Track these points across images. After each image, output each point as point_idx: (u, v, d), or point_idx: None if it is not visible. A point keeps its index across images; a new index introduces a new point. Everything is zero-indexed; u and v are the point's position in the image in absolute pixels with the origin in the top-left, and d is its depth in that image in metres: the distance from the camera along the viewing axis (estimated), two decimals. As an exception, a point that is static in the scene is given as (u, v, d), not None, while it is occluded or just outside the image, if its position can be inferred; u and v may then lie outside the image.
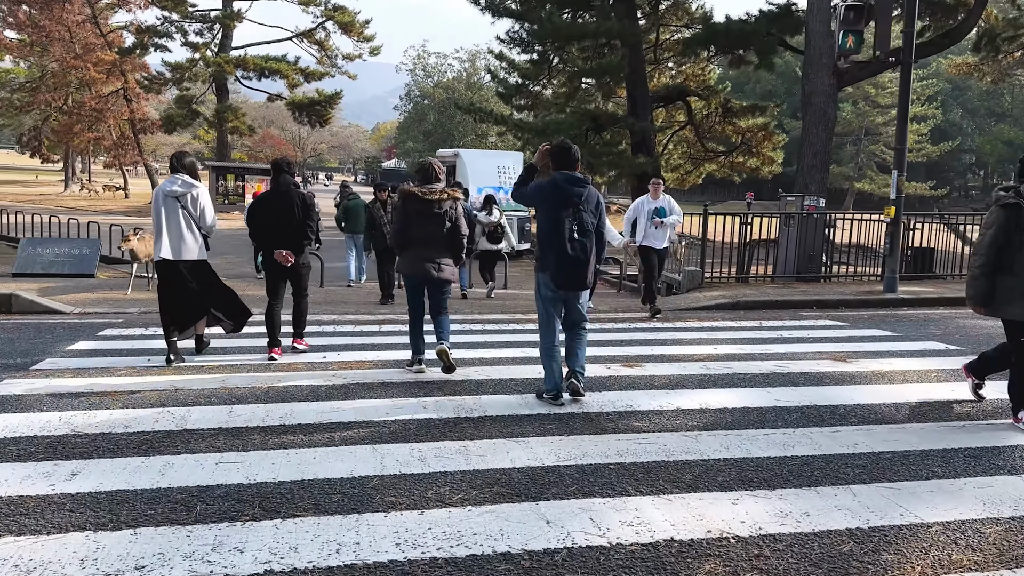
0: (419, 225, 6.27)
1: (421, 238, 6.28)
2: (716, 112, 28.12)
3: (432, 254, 6.29)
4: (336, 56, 37.64)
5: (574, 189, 5.43)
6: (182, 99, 34.41)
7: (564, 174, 5.48)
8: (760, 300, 11.49)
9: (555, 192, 5.42)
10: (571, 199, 5.41)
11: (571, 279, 5.45)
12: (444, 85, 66.61)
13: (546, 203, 5.44)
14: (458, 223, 6.39)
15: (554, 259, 5.40)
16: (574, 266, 5.40)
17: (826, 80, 24.90)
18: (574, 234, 5.38)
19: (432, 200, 6.26)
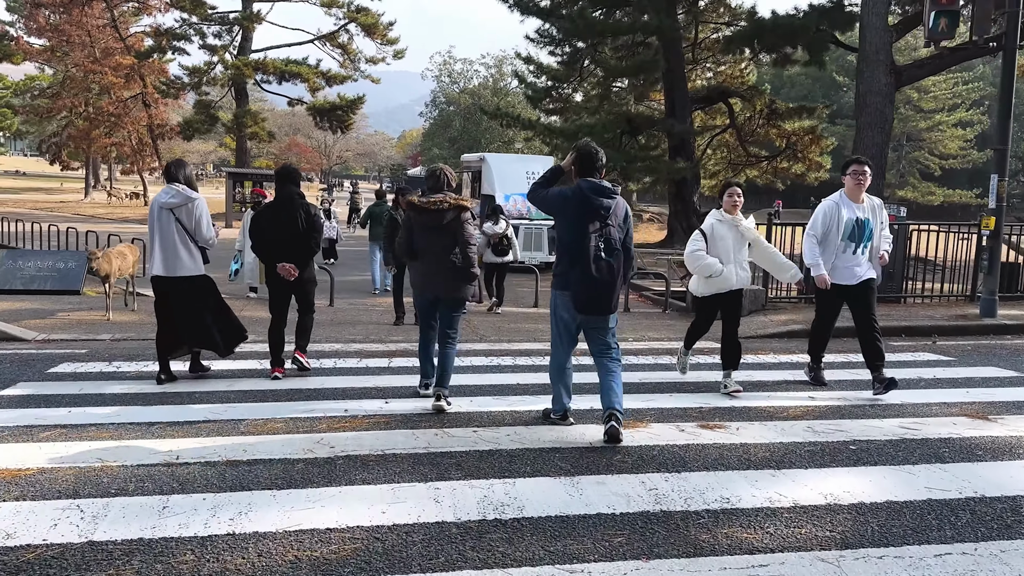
0: (424, 238, 5.70)
1: (428, 252, 5.72)
2: (760, 114, 26.38)
3: (440, 270, 5.68)
4: (359, 60, 36.41)
5: (601, 200, 4.87)
6: (201, 104, 33.33)
7: (590, 182, 4.93)
8: (839, 327, 9.76)
9: (581, 202, 4.86)
10: (598, 211, 4.85)
11: (594, 303, 4.90)
12: (470, 91, 65.53)
13: (569, 214, 4.89)
14: (467, 234, 5.71)
15: (576, 279, 4.85)
16: (599, 289, 4.84)
17: (883, 78, 23.06)
18: (600, 252, 4.81)
19: (433, 210, 5.63)
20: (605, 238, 4.83)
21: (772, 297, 11.49)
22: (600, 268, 4.79)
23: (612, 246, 4.86)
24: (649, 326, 10.83)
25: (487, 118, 51.78)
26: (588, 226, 4.82)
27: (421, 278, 5.81)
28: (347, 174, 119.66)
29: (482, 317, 11.51)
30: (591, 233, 4.80)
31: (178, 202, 6.15)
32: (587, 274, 4.79)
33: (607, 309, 4.97)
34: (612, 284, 4.88)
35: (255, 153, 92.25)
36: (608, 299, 4.92)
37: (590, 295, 4.84)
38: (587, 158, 4.97)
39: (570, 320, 5.02)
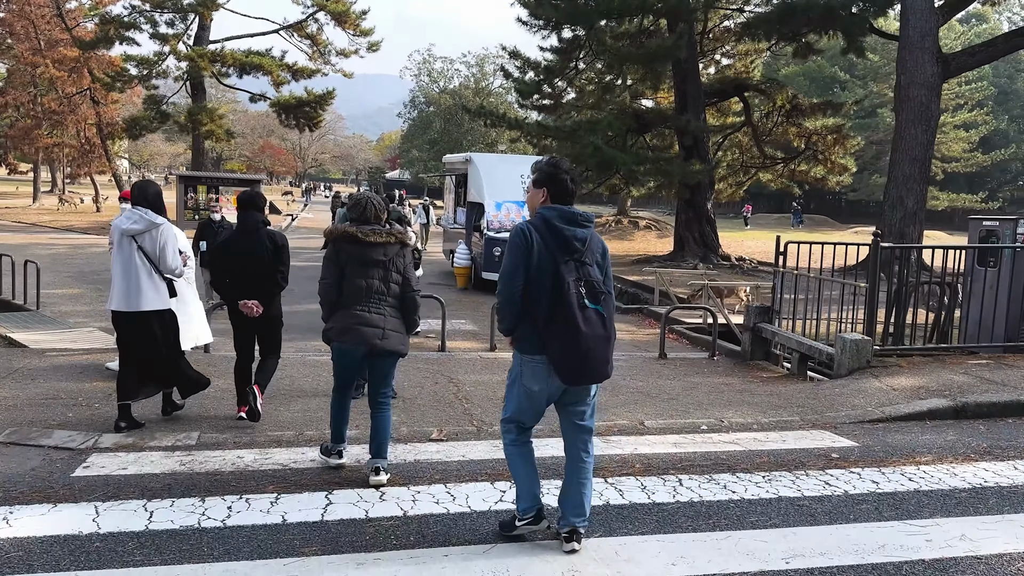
0: (358, 276, 4.77)
1: (360, 294, 4.76)
2: (779, 111, 23.40)
3: (375, 316, 4.76)
4: (329, 52, 33.11)
5: (575, 231, 3.72)
6: (151, 99, 29.86)
7: (557, 210, 3.75)
8: (997, 401, 6.72)
9: (549, 236, 3.68)
10: (572, 246, 3.70)
11: (588, 368, 3.65)
12: (451, 91, 62.78)
13: (536, 254, 3.65)
14: (409, 275, 4.92)
15: (558, 338, 3.60)
16: (592, 348, 3.62)
17: (929, 68, 20.02)
18: (584, 300, 3.64)
19: (376, 244, 4.78)
20: (585, 281, 3.70)
21: (885, 348, 8.34)
22: (589, 320, 3.65)
23: (596, 290, 3.74)
24: (711, 391, 7.71)
25: (469, 118, 48.87)
26: (562, 267, 3.68)
27: (349, 326, 4.75)
28: (323, 177, 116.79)
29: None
30: (567, 276, 3.65)
31: (141, 228, 5.69)
32: (573, 330, 3.63)
33: (604, 374, 3.78)
34: (607, 340, 3.74)
35: (226, 155, 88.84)
36: (605, 360, 3.74)
37: (582, 358, 3.64)
38: (557, 178, 3.80)
39: (541, 393, 3.80)
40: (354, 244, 4.77)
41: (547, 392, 3.78)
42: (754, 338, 9.67)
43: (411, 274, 4.93)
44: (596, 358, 3.66)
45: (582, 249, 3.73)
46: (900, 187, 19.78)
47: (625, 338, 11.74)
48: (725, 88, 23.27)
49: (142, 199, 5.72)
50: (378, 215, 4.92)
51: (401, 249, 4.87)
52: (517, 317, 3.72)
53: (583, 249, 3.73)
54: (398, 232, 4.92)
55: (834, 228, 51.37)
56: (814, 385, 7.82)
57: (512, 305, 3.70)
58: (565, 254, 3.68)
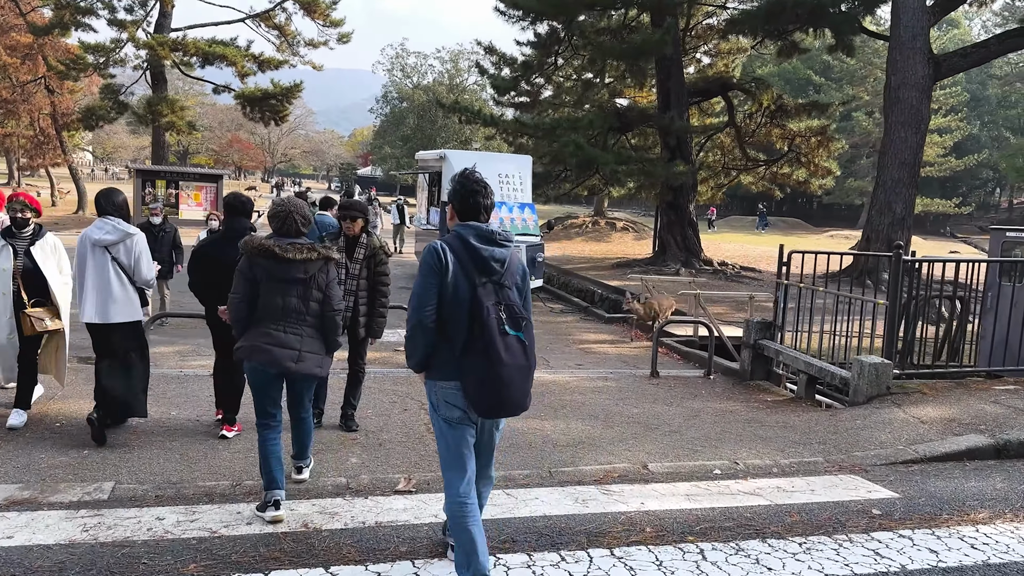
0: (274, 294, 4.41)
1: (275, 313, 4.40)
2: (764, 112, 22.71)
3: (291, 337, 4.40)
4: (298, 43, 31.84)
5: (492, 251, 3.39)
6: (108, 88, 28.39)
7: (473, 227, 3.41)
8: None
9: (465, 256, 3.36)
10: (489, 267, 3.37)
11: (506, 400, 3.33)
12: (424, 87, 61.78)
13: (450, 275, 3.33)
14: (331, 294, 4.53)
15: (478, 369, 3.28)
16: (514, 379, 3.30)
17: (920, 69, 19.39)
18: (505, 326, 3.31)
19: (295, 261, 4.40)
20: (505, 305, 3.33)
21: (905, 371, 7.51)
22: (510, 348, 3.29)
23: (516, 314, 3.37)
24: (716, 420, 6.84)
25: (443, 114, 47.86)
26: (480, 290, 3.30)
27: (262, 346, 4.33)
28: (294, 172, 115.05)
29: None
30: (485, 300, 3.27)
31: (114, 239, 5.49)
32: (494, 359, 3.22)
33: (522, 406, 3.38)
34: (528, 370, 3.37)
35: (192, 149, 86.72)
36: (524, 392, 3.37)
37: (500, 389, 3.24)
38: (464, 193, 3.41)
39: (462, 420, 3.38)
40: (271, 260, 4.39)
41: (468, 422, 3.43)
42: (755, 356, 8.84)
43: (334, 292, 4.56)
44: (515, 390, 3.35)
45: (501, 271, 3.41)
46: (888, 192, 19.17)
47: (610, 351, 10.88)
48: (709, 87, 22.52)
49: (111, 207, 5.54)
50: (299, 228, 4.54)
51: (324, 265, 4.53)
52: (430, 347, 3.39)
53: (502, 271, 3.41)
54: (322, 248, 4.55)
55: (808, 232, 51.16)
56: (830, 415, 6.98)
57: (424, 334, 3.36)
58: (483, 276, 3.38)
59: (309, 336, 4.46)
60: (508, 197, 15.55)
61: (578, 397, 7.64)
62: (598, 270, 21.08)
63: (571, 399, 7.54)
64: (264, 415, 4.45)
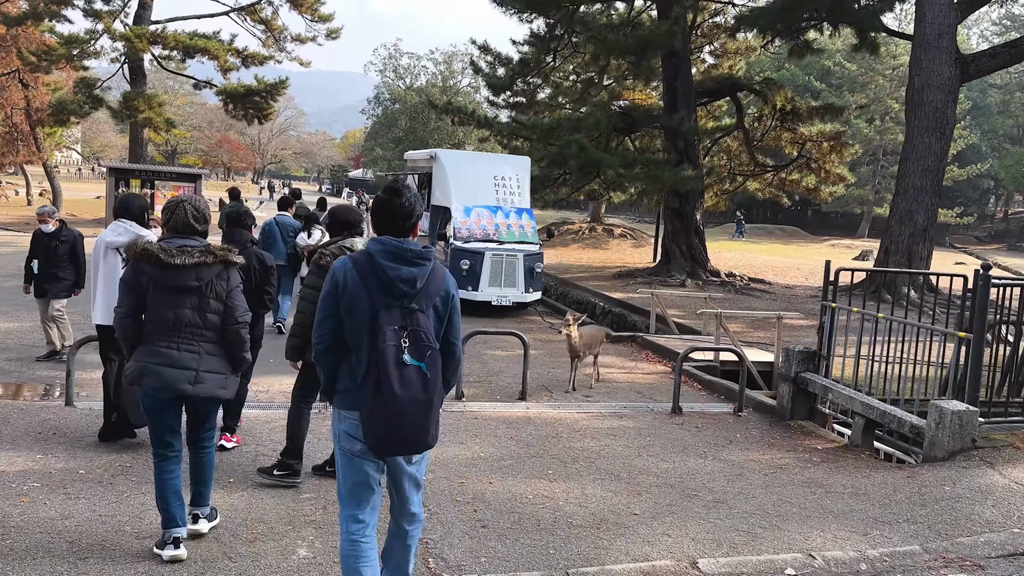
0: (163, 306, 3.93)
1: (167, 328, 3.94)
2: (774, 114, 21.46)
3: (186, 355, 3.93)
4: (284, 38, 30.50)
5: (400, 271, 3.09)
6: (83, 82, 26.93)
7: (382, 243, 3.14)
8: None
9: (368, 276, 3.09)
10: (395, 288, 3.07)
11: (397, 438, 3.04)
12: (417, 89, 60.60)
13: (351, 295, 3.08)
14: (232, 303, 4.04)
15: (369, 402, 3.00)
16: (407, 415, 3.00)
17: (946, 70, 18.14)
18: (403, 355, 3.01)
19: (185, 266, 3.92)
20: (411, 331, 3.03)
21: (990, 420, 6.16)
22: (407, 381, 2.97)
23: (422, 342, 3.04)
24: (766, 480, 5.50)
25: (436, 116, 46.57)
26: (381, 314, 3.02)
27: (153, 366, 3.88)
28: (285, 174, 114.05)
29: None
30: (386, 325, 2.99)
31: (126, 240, 5.34)
32: (386, 391, 2.95)
33: (422, 445, 3.08)
34: (427, 405, 3.03)
35: (181, 149, 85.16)
36: (423, 429, 3.04)
37: (391, 425, 2.98)
38: (383, 204, 3.16)
39: (362, 454, 3.12)
40: (157, 267, 3.90)
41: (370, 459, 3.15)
42: (796, 391, 7.53)
43: (236, 301, 4.06)
44: (410, 427, 3.03)
45: (411, 292, 3.09)
46: (910, 201, 17.93)
47: (620, 378, 9.54)
48: (718, 87, 21.24)
49: (124, 212, 5.58)
50: (194, 226, 4.04)
51: (223, 271, 4.02)
52: (330, 373, 3.19)
53: (413, 292, 3.10)
54: (218, 250, 4.04)
55: (807, 240, 50.05)
56: (908, 476, 5.64)
57: (321, 359, 3.18)
58: (388, 298, 3.08)
59: (208, 353, 3.99)
60: (504, 201, 14.22)
61: (591, 444, 6.31)
62: (598, 280, 19.78)
63: (583, 447, 6.20)
64: (160, 444, 3.98)
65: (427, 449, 3.16)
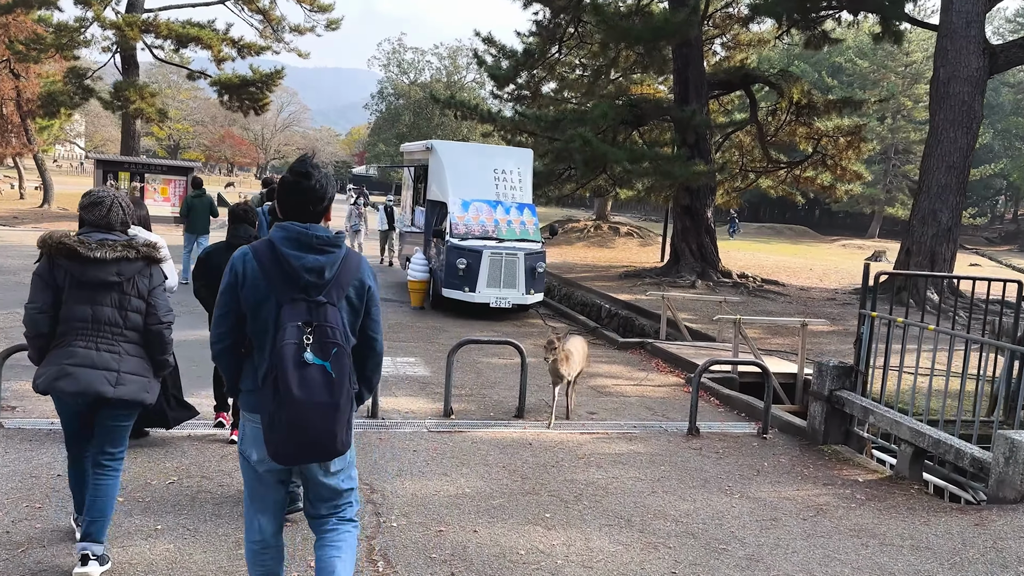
0: (80, 302, 3.67)
1: (85, 326, 3.67)
2: (789, 108, 20.51)
3: (106, 355, 3.66)
4: (282, 28, 29.63)
5: (305, 259, 2.80)
6: (73, 72, 26.11)
7: (287, 229, 2.84)
8: None
9: (268, 267, 2.80)
10: (299, 280, 2.78)
11: (299, 445, 2.73)
12: (421, 84, 59.89)
13: (249, 289, 2.80)
14: (155, 302, 3.79)
15: (267, 404, 2.72)
16: (308, 420, 2.70)
17: (974, 61, 17.12)
18: (305, 354, 2.70)
19: (105, 261, 3.65)
20: (317, 327, 2.73)
21: None
22: (308, 382, 2.67)
23: (328, 339, 2.73)
24: (805, 528, 4.60)
25: (440, 111, 45.74)
26: (285, 308, 2.73)
27: (67, 368, 3.59)
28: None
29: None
30: (287, 321, 2.71)
31: None
32: (283, 393, 2.66)
33: (328, 451, 2.77)
34: (333, 409, 2.72)
35: (184, 144, 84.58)
36: (330, 435, 2.73)
37: (291, 431, 2.68)
38: (290, 185, 2.85)
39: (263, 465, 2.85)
40: (74, 260, 3.62)
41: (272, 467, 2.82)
42: (829, 411, 6.62)
43: (159, 300, 3.83)
44: (313, 432, 2.69)
45: (319, 283, 2.77)
46: (934, 199, 16.97)
47: (629, 391, 8.64)
48: (731, 79, 20.29)
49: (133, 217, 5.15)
50: (124, 218, 3.81)
51: (145, 267, 3.78)
52: (233, 372, 2.90)
53: (321, 283, 2.77)
54: (141, 245, 3.79)
55: (816, 240, 49.06)
56: (976, 524, 4.73)
57: (221, 358, 2.90)
58: (292, 290, 2.75)
59: (129, 354, 3.72)
60: (505, 196, 13.32)
61: (597, 476, 5.41)
62: (604, 280, 18.87)
63: (587, 480, 5.31)
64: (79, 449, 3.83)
65: (334, 457, 2.82)
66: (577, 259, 24.08)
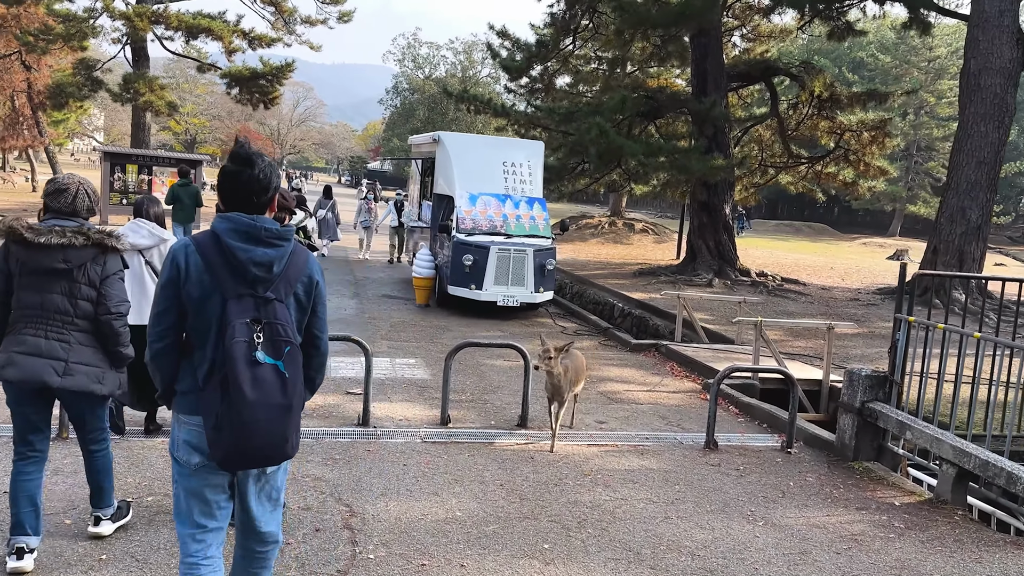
0: (29, 290, 3.61)
1: (34, 314, 3.62)
2: (812, 101, 19.83)
3: (54, 344, 3.59)
4: (294, 21, 29.21)
5: (253, 252, 2.59)
6: (82, 63, 25.82)
7: (233, 220, 2.62)
8: None
9: (220, 260, 2.60)
10: (247, 273, 2.59)
11: (249, 449, 2.54)
12: (436, 79, 59.50)
13: (193, 285, 2.59)
14: (106, 291, 3.67)
15: (215, 405, 2.53)
16: (260, 423, 2.51)
17: (1006, 51, 16.30)
18: (257, 352, 2.52)
19: (52, 247, 3.55)
20: (266, 324, 2.56)
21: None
22: (260, 382, 2.49)
23: (280, 337, 2.56)
24: (840, 565, 4.05)
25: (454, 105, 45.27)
26: (231, 305, 2.55)
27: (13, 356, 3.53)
28: (306, 165, 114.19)
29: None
30: (235, 318, 2.52)
31: (149, 243, 5.41)
32: (234, 394, 2.47)
33: (279, 455, 2.59)
34: (286, 410, 2.55)
35: (200, 139, 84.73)
36: (282, 438, 2.56)
37: (242, 434, 2.48)
38: (232, 174, 2.64)
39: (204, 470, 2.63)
40: (22, 246, 3.52)
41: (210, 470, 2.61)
42: (861, 425, 6.05)
43: (111, 290, 3.63)
44: (265, 436, 2.50)
45: (267, 278, 2.58)
46: (962, 196, 16.26)
47: (641, 397, 8.08)
48: (751, 71, 19.62)
49: (146, 214, 5.40)
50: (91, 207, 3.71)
51: (99, 255, 3.59)
52: (169, 373, 2.66)
53: (269, 278, 2.59)
54: (93, 232, 3.57)
55: (836, 238, 48.19)
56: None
57: (160, 358, 2.64)
58: (239, 285, 2.56)
59: (81, 344, 3.65)
60: (514, 190, 12.78)
61: (604, 497, 4.88)
62: (618, 278, 18.30)
63: (593, 502, 4.78)
64: (22, 442, 3.68)
65: (283, 461, 2.66)
66: (590, 256, 23.50)
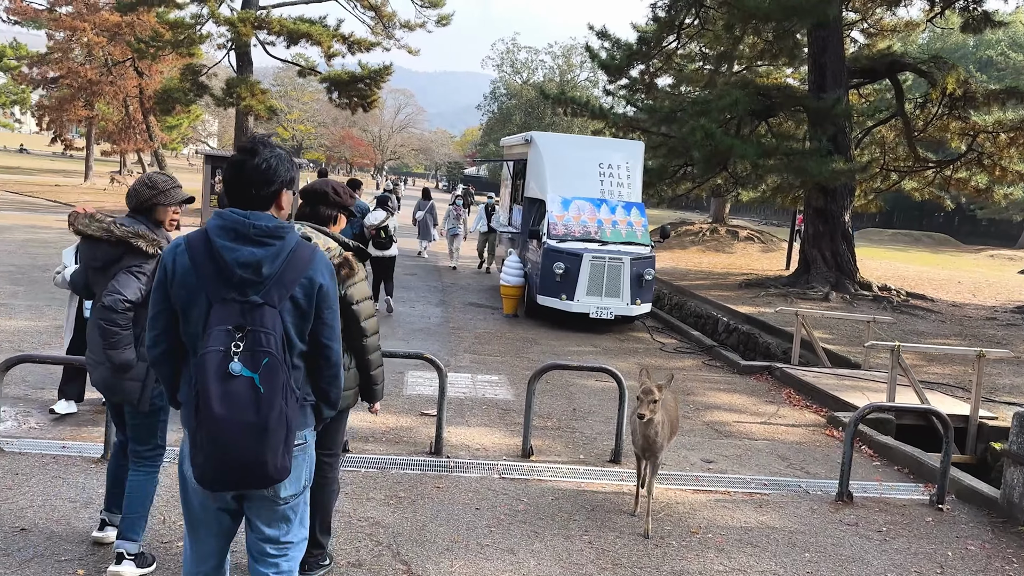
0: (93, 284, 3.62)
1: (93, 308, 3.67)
2: (942, 99, 18.03)
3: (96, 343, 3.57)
4: (394, 25, 29.22)
5: (240, 252, 2.37)
6: (189, 69, 26.49)
7: (223, 217, 2.42)
8: None
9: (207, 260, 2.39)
10: (231, 277, 2.37)
11: (220, 470, 2.32)
12: (534, 83, 59.12)
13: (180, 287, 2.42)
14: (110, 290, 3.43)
15: (190, 419, 2.39)
16: (227, 442, 2.27)
17: None
18: (232, 364, 2.28)
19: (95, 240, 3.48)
20: (249, 332, 2.32)
21: None
22: (231, 397, 2.25)
23: (261, 347, 2.31)
24: None
25: (551, 108, 44.64)
26: (215, 309, 2.35)
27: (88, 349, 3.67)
28: (406, 171, 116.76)
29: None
30: (214, 325, 2.31)
31: None
32: (203, 409, 2.28)
33: (255, 479, 2.34)
34: (261, 431, 2.27)
35: (306, 145, 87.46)
36: (258, 461, 2.29)
37: (209, 454, 2.29)
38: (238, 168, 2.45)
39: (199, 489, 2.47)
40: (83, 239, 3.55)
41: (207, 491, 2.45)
42: (1039, 483, 4.87)
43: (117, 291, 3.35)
44: (236, 456, 2.25)
45: (255, 280, 2.34)
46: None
47: (755, 430, 7.03)
48: (875, 66, 17.97)
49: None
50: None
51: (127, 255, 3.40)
52: (170, 381, 2.56)
53: (258, 280, 2.35)
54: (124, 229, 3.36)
55: (959, 250, 44.67)
56: None
57: (156, 365, 2.56)
58: (224, 288, 2.34)
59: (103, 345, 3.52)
60: (611, 194, 11.86)
61: (716, 567, 3.96)
62: (721, 290, 17.05)
63: (703, 572, 3.85)
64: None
65: (267, 485, 2.38)
66: (691, 265, 22.24)
